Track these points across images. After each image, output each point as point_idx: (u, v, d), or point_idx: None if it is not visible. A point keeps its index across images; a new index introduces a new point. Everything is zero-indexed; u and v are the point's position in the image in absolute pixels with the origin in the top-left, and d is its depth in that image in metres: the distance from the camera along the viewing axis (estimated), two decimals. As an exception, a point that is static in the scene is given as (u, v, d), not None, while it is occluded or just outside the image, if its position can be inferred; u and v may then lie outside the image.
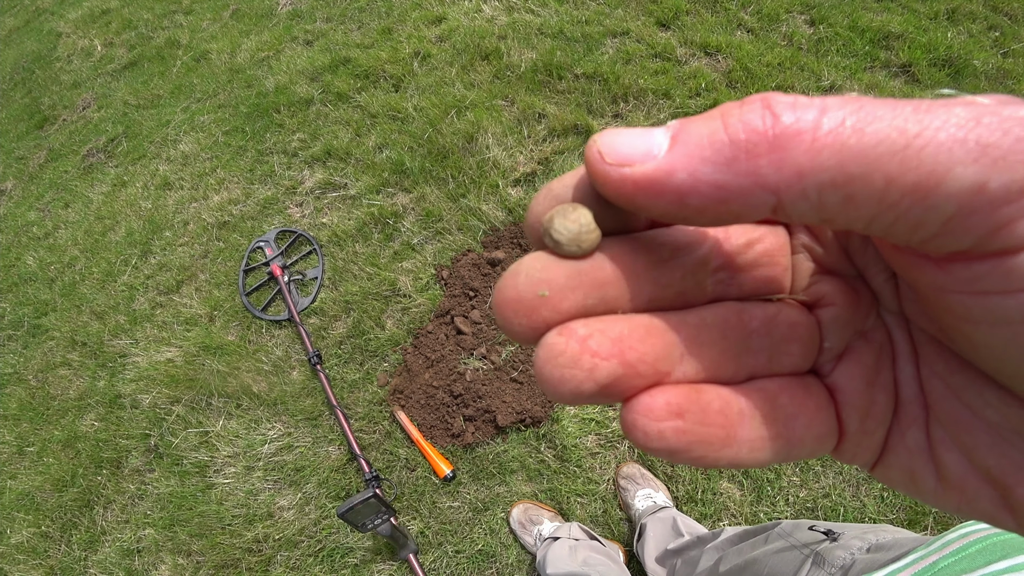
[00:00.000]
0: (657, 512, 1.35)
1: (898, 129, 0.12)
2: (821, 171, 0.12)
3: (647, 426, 0.15)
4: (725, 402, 0.16)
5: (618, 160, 0.14)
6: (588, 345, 0.14)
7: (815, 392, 0.18)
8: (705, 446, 0.15)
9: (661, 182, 0.13)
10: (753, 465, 0.16)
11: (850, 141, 0.12)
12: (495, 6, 2.71)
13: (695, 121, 0.14)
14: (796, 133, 0.12)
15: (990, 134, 0.12)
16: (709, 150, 0.13)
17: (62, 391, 2.05)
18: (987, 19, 2.32)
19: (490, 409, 1.61)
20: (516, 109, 2.27)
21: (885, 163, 0.12)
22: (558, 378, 0.14)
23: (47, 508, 1.80)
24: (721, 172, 0.13)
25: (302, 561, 1.54)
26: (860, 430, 0.18)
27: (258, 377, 1.86)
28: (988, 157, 0.11)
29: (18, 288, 2.44)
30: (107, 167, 2.81)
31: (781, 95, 0.13)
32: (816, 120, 0.12)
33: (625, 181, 0.14)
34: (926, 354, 0.18)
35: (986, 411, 0.16)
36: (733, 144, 0.13)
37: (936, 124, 0.12)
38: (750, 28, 2.42)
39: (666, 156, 0.14)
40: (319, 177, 2.29)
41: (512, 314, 0.15)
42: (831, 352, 0.19)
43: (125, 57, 3.43)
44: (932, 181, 0.12)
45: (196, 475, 1.73)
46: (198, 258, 2.25)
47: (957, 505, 0.18)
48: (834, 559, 0.68)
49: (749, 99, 0.13)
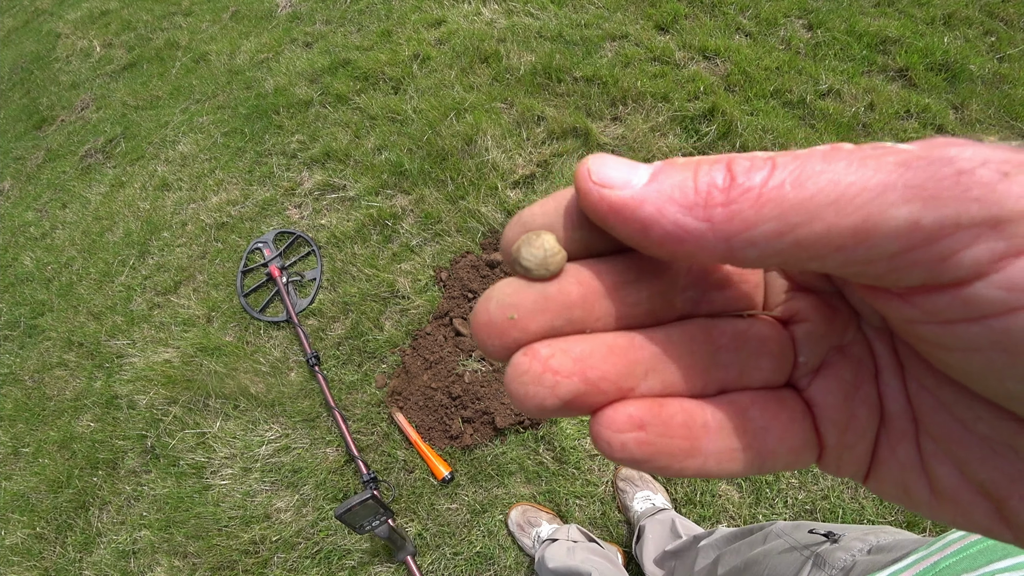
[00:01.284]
0: (656, 514, 1.35)
1: (832, 181, 0.13)
2: (765, 221, 0.14)
3: (611, 437, 0.16)
4: (689, 414, 0.17)
5: (601, 181, 0.16)
6: (550, 364, 0.15)
7: (789, 405, 0.18)
8: (668, 456, 0.16)
9: (631, 209, 0.15)
10: (725, 476, 0.17)
11: (790, 195, 0.14)
12: (494, 9, 2.72)
13: (675, 166, 0.15)
14: (746, 190, 0.14)
15: (918, 177, 0.13)
16: (678, 192, 0.15)
17: (58, 392, 2.04)
18: (983, 24, 2.34)
19: (488, 411, 1.61)
20: (515, 112, 2.28)
21: (823, 212, 0.13)
22: (523, 394, 0.16)
23: (42, 509, 1.79)
24: (682, 214, 0.15)
25: (299, 563, 1.53)
26: (840, 443, 0.19)
27: (256, 378, 1.86)
28: (919, 197, 0.12)
29: (15, 288, 2.43)
30: (105, 168, 2.80)
31: (743, 157, 0.15)
32: (764, 178, 0.14)
33: (602, 201, 0.16)
34: (912, 368, 0.18)
35: (977, 424, 0.16)
36: (696, 193, 0.15)
37: (867, 173, 0.13)
38: (748, 32, 2.43)
39: (641, 188, 0.15)
40: (318, 178, 2.29)
41: (486, 336, 0.16)
42: (807, 366, 0.19)
43: (124, 58, 3.43)
44: (870, 223, 0.13)
45: (193, 476, 1.73)
46: (196, 259, 2.24)
47: (952, 518, 0.18)
48: (835, 560, 0.68)
49: (719, 158, 0.15)
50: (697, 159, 0.15)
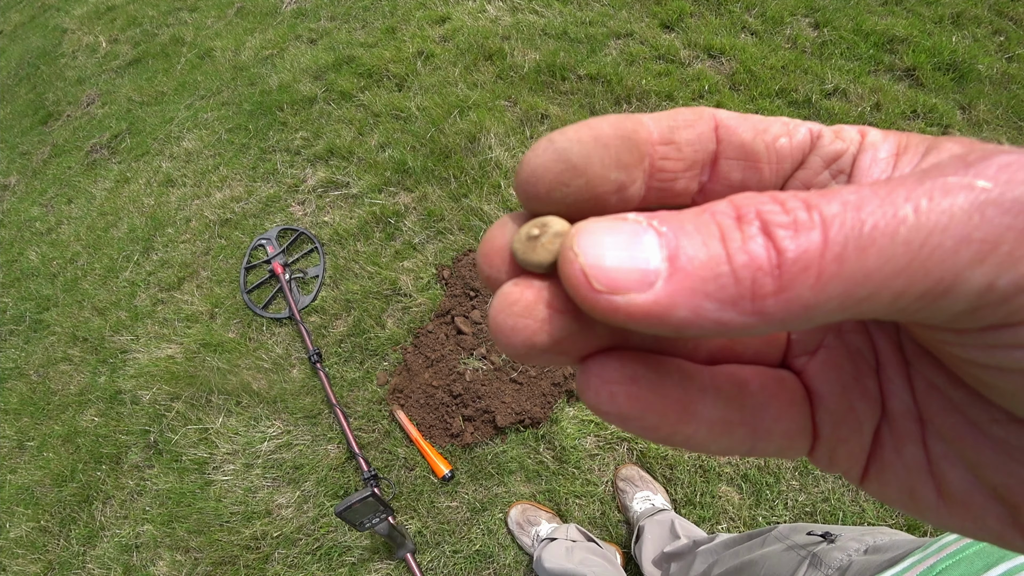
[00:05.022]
0: (655, 515, 1.35)
1: (903, 242, 0.11)
2: (828, 301, 0.12)
3: (599, 388, 0.14)
4: (686, 375, 0.15)
5: (608, 287, 0.12)
6: (543, 295, 0.14)
7: (789, 387, 0.17)
8: (658, 416, 0.15)
9: (660, 316, 0.12)
10: (711, 449, 0.16)
11: (854, 267, 0.11)
12: (499, 6, 2.71)
13: (691, 236, 0.12)
14: (802, 270, 0.11)
15: (994, 230, 0.11)
16: (712, 285, 0.12)
17: (63, 386, 2.05)
18: (992, 23, 2.31)
19: (489, 409, 1.61)
20: (519, 110, 2.27)
21: (892, 281, 0.11)
22: (510, 327, 0.14)
23: (46, 503, 1.80)
24: (725, 311, 0.12)
25: (300, 559, 1.54)
26: (833, 435, 0.18)
27: (258, 375, 1.86)
28: (995, 255, 0.11)
29: (20, 283, 2.45)
30: (110, 163, 2.81)
31: (775, 210, 0.12)
32: (818, 247, 0.11)
33: (618, 311, 0.12)
34: (919, 367, 0.17)
35: (992, 427, 0.15)
36: (738, 283, 0.12)
37: (939, 226, 0.11)
38: (754, 31, 2.42)
39: (665, 288, 0.12)
40: (321, 175, 2.30)
41: (486, 264, 0.16)
42: (800, 346, 0.18)
43: (130, 54, 3.44)
44: (941, 288, 0.11)
45: (195, 472, 1.74)
46: (200, 255, 2.25)
47: (962, 523, 0.17)
48: (831, 560, 0.68)
49: (744, 214, 0.12)
50: (711, 210, 0.13)
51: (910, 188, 0.12)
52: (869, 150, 0.16)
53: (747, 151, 0.17)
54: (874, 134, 0.17)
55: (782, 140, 0.17)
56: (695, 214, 0.13)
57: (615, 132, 0.15)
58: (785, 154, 0.17)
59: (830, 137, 0.17)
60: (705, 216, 0.13)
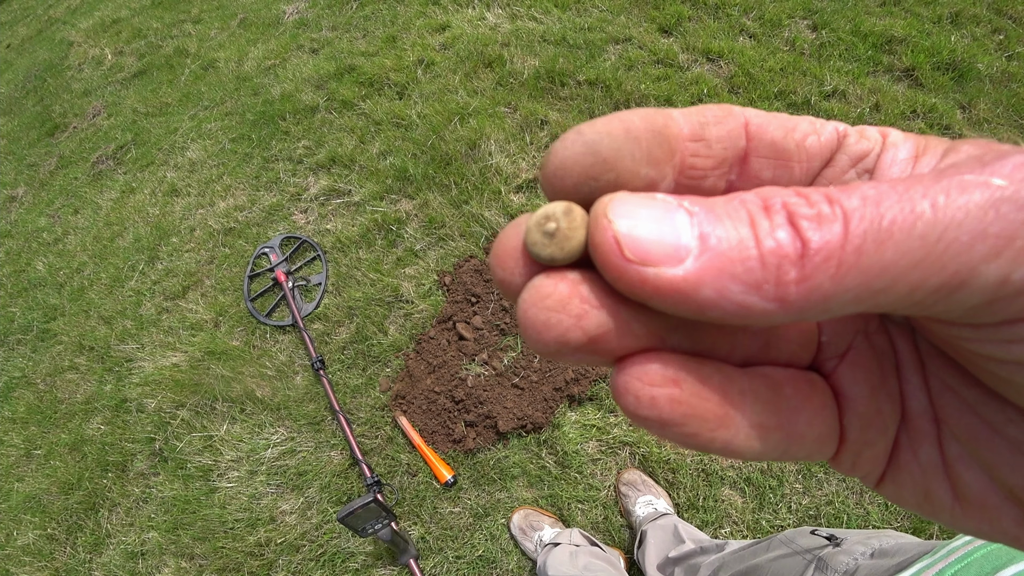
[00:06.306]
0: (658, 519, 1.34)
1: (920, 236, 0.12)
2: (846, 291, 0.12)
3: (640, 391, 0.14)
4: (726, 378, 0.15)
5: (640, 257, 0.12)
6: (579, 290, 0.13)
7: (820, 389, 0.17)
8: (700, 422, 0.14)
9: (686, 293, 0.12)
10: (746, 455, 0.15)
11: (872, 259, 0.12)
12: (498, 14, 2.73)
13: (721, 220, 0.13)
14: (824, 260, 0.12)
15: (1009, 226, 0.11)
16: (740, 267, 0.12)
17: (69, 395, 2.07)
18: (991, 22, 2.31)
19: (491, 415, 1.61)
20: (519, 116, 2.28)
21: (908, 274, 0.12)
22: (543, 322, 0.13)
23: (53, 511, 1.82)
24: (749, 294, 0.12)
25: (303, 566, 1.55)
26: (861, 439, 0.17)
27: (262, 382, 1.88)
28: (1010, 250, 0.11)
29: (28, 293, 2.48)
30: (116, 174, 2.85)
31: (801, 202, 0.13)
32: (839, 239, 0.12)
33: (646, 284, 0.13)
34: (934, 367, 0.17)
35: (1007, 427, 0.15)
36: (764, 268, 0.12)
37: (955, 221, 0.12)
38: (752, 34, 2.42)
39: (694, 265, 0.12)
40: (324, 184, 2.31)
41: (498, 261, 0.15)
42: (831, 348, 0.18)
43: (134, 65, 3.48)
44: (956, 281, 0.12)
45: (200, 479, 1.75)
46: (204, 264, 2.27)
47: (977, 525, 0.17)
48: (837, 564, 0.68)
49: (772, 204, 0.13)
50: (740, 198, 0.13)
51: (928, 185, 0.12)
52: (890, 150, 0.17)
53: (779, 149, 0.17)
54: (895, 135, 0.17)
55: (811, 139, 0.17)
56: (725, 200, 0.13)
57: (646, 126, 0.15)
58: (814, 153, 0.17)
59: (856, 136, 0.17)
60: (735, 202, 0.13)
